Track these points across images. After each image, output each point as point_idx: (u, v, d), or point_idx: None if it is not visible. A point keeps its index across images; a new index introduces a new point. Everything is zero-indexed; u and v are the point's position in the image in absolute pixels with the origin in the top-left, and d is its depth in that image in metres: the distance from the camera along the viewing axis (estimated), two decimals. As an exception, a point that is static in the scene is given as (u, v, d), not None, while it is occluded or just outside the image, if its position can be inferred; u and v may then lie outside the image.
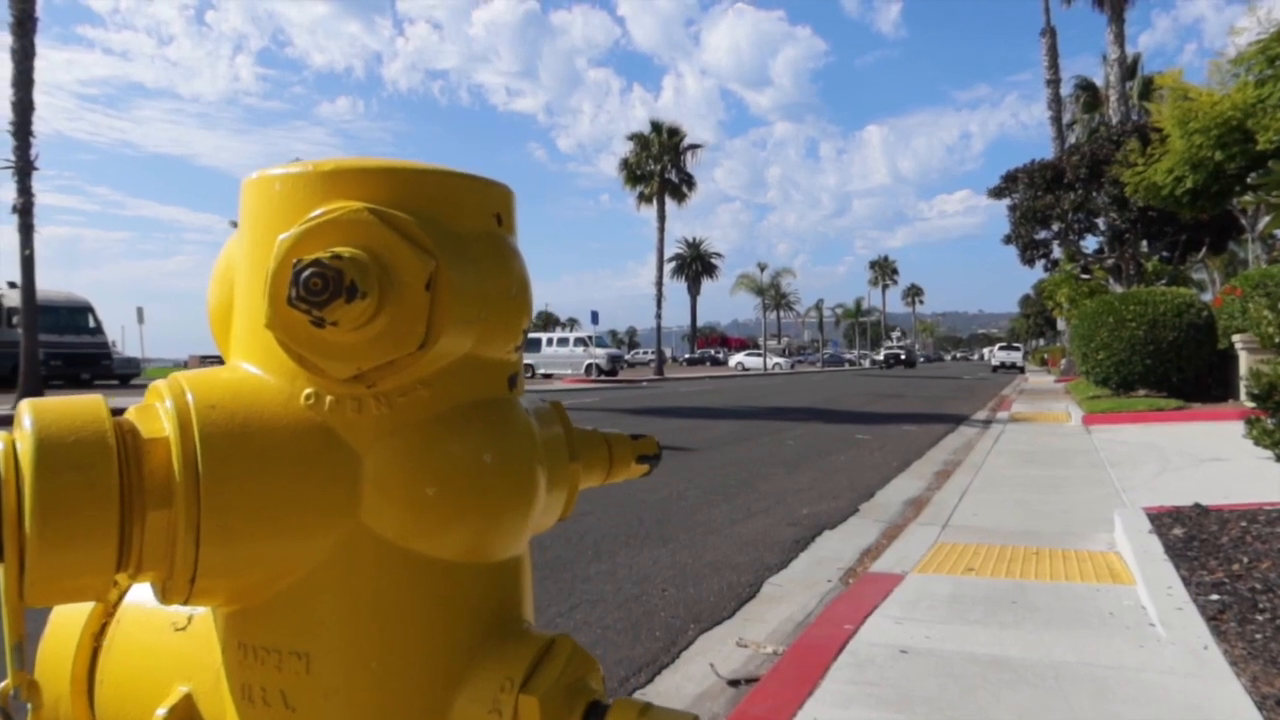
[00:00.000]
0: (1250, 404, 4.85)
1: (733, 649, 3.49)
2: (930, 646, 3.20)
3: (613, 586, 4.39)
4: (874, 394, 24.32)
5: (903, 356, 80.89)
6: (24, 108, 16.69)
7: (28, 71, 16.77)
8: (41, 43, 17.19)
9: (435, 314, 0.53)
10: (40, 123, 17.21)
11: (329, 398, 0.54)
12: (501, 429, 0.59)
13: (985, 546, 5.00)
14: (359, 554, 0.55)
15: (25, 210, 16.76)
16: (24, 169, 16.75)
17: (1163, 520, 5.01)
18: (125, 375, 30.36)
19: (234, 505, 0.52)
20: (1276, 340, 4.86)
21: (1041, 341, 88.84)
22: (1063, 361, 34.55)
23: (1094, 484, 7.21)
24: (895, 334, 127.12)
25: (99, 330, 29.75)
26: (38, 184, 17.01)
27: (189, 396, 0.53)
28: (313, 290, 0.49)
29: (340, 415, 0.54)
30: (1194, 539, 4.60)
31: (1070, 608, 3.69)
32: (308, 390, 0.54)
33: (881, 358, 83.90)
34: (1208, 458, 8.35)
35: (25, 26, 16.76)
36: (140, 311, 51.82)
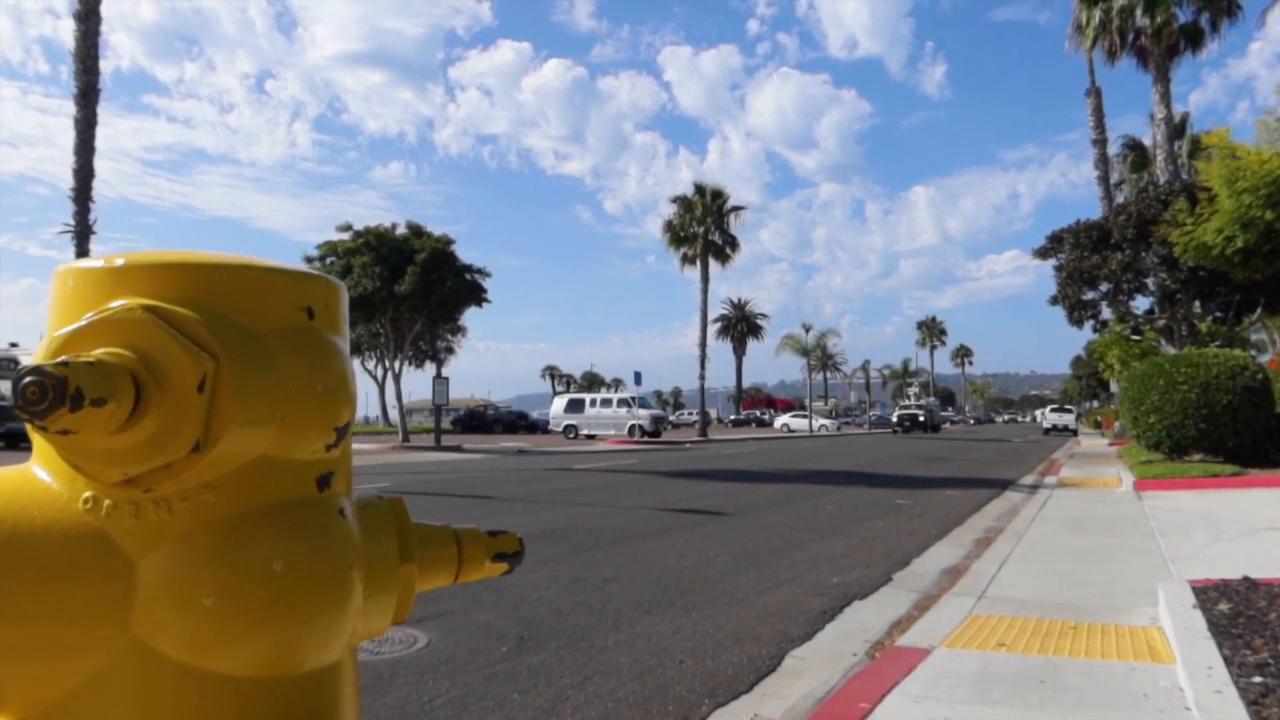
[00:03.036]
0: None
1: (746, 726, 3.37)
2: (950, 728, 3.06)
3: (629, 657, 4.29)
4: (919, 457, 23.90)
5: (921, 418, 63.97)
6: (85, 174, 17.36)
7: (89, 140, 17.47)
8: (109, 111, 18.04)
9: (214, 415, 0.51)
10: (106, 187, 17.96)
11: (107, 502, 0.52)
12: (300, 534, 0.56)
13: (1020, 620, 4.82)
14: (132, 669, 0.52)
15: (84, 273, 17.34)
16: (83, 233, 17.37)
17: (1208, 594, 4.80)
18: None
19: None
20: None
21: (1095, 403, 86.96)
22: (1116, 424, 33.72)
23: (1141, 554, 6.95)
24: (913, 390, 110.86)
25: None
26: (100, 246, 17.62)
27: None
28: (30, 400, 0.47)
29: (117, 520, 0.52)
30: (1240, 615, 4.39)
31: (1102, 689, 3.52)
32: (86, 494, 0.52)
33: (895, 419, 67.13)
34: (1263, 527, 8.02)
35: (88, 97, 17.50)
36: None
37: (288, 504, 0.56)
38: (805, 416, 64.07)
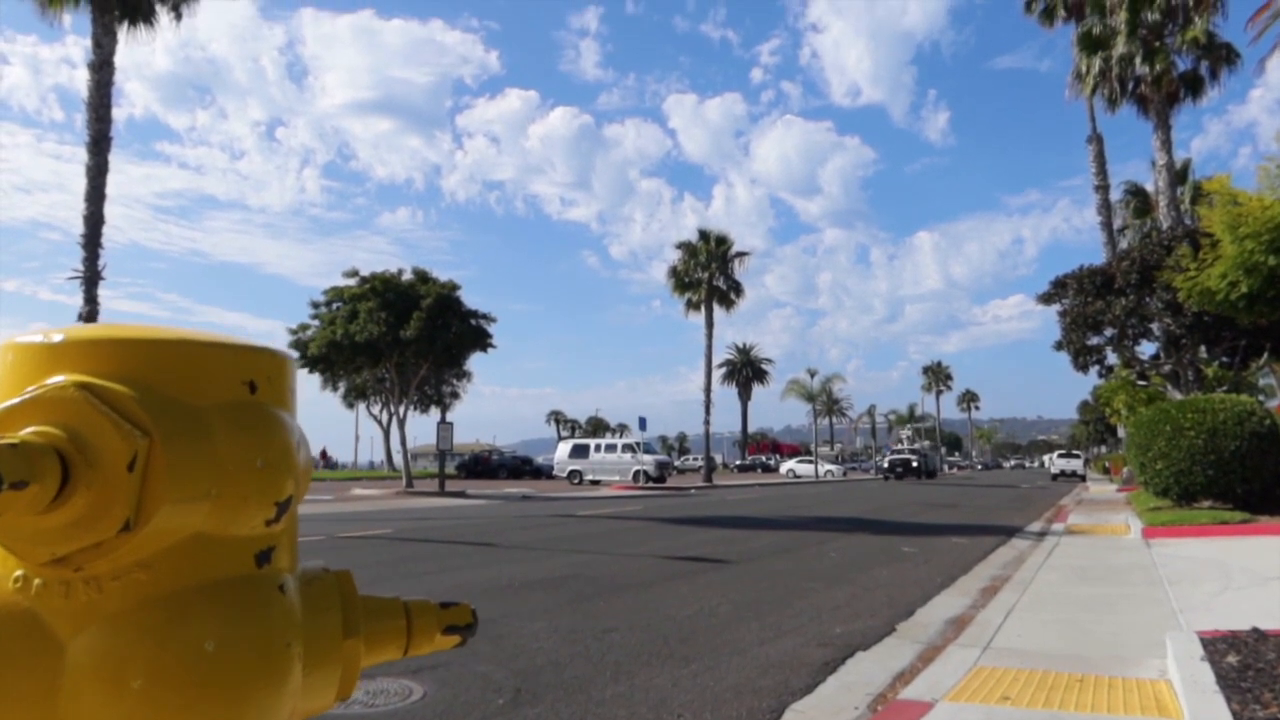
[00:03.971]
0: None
1: (744, 783, 3.31)
2: (951, 786, 2.99)
3: (627, 710, 4.22)
4: (925, 503, 23.72)
5: (914, 463, 57.88)
6: (95, 221, 17.55)
7: (100, 187, 17.68)
8: (121, 158, 18.51)
9: (146, 494, 0.51)
10: (117, 233, 18.35)
11: (36, 581, 0.51)
12: (237, 612, 0.55)
13: (1026, 672, 4.74)
14: (59, 753, 0.50)
15: (90, 318, 17.43)
16: (91, 279, 17.50)
17: (1217, 646, 4.72)
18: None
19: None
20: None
21: (1103, 448, 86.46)
22: (1125, 470, 33.49)
23: (1150, 604, 6.86)
24: (905, 434, 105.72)
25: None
26: (111, 291, 17.87)
27: None
28: (-56, 483, 0.47)
29: (47, 600, 0.51)
30: (1249, 668, 4.31)
31: (1108, 744, 3.45)
32: (16, 573, 0.52)
33: (885, 464, 61.15)
34: (1273, 576, 7.92)
35: (100, 145, 17.75)
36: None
37: (225, 581, 0.56)
38: (811, 462, 63.75)
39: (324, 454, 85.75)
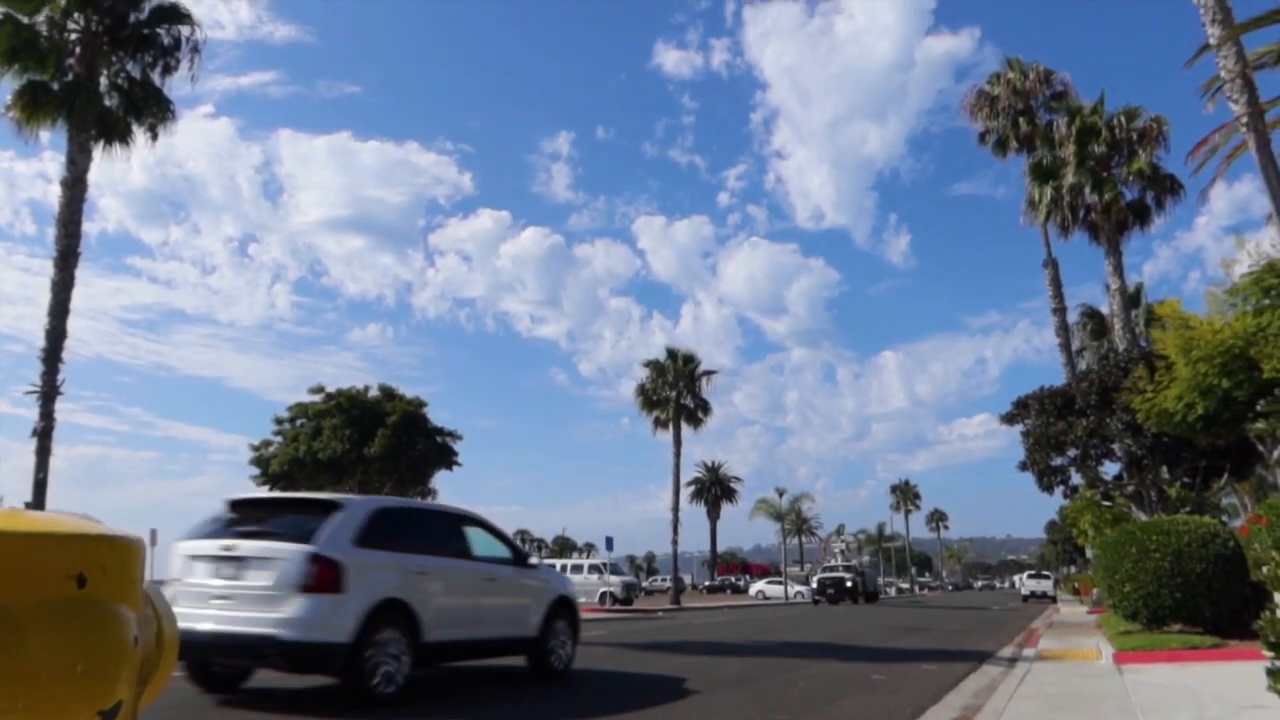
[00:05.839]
0: (1269, 652, 4.54)
1: None
2: None
3: None
4: (896, 627, 23.32)
5: (848, 582, 48.32)
6: (57, 335, 17.34)
7: (64, 302, 17.56)
8: (92, 272, 18.44)
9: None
10: (83, 346, 18.24)
11: None
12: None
13: (998, 813, 4.55)
14: None
15: (45, 434, 17.04)
16: (49, 393, 17.18)
17: (1192, 784, 4.58)
18: (130, 601, 29.67)
19: None
20: (1289, 584, 4.61)
21: (1073, 568, 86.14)
22: (1094, 591, 33.29)
23: (1122, 736, 6.69)
24: (838, 548, 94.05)
25: (108, 554, 29.53)
26: (73, 404, 17.57)
27: None
28: None
29: None
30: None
31: None
32: None
33: (814, 585, 50.86)
34: (1247, 704, 7.77)
35: (68, 261, 17.72)
36: (153, 534, 51.48)
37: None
38: (781, 583, 62.77)
39: None
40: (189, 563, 8.36)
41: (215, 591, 7.95)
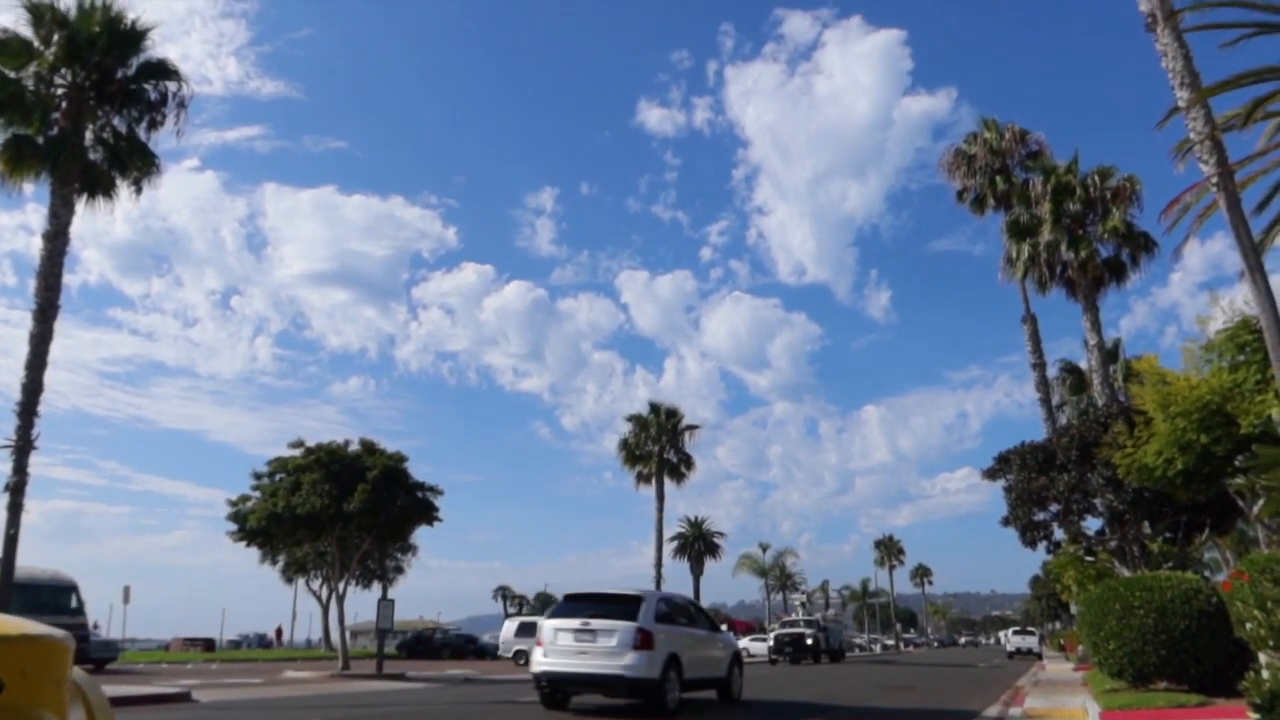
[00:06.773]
0: (1254, 715, 4.50)
1: None
2: None
3: None
4: (881, 685, 23.01)
5: (808, 639, 42.98)
6: (34, 389, 17.16)
7: (42, 355, 17.41)
8: (72, 324, 18.47)
9: None
10: (60, 399, 18.10)
11: None
12: None
13: None
14: None
15: (18, 489, 16.77)
16: (24, 447, 16.94)
17: None
18: (101, 659, 28.86)
19: None
20: (1270, 643, 4.58)
21: (1058, 624, 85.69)
22: (1080, 647, 33.05)
23: (1109, 799, 6.58)
24: (798, 600, 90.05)
25: (80, 611, 28.89)
26: (48, 458, 17.40)
27: None
28: None
29: None
30: None
31: None
32: None
33: (771, 642, 44.89)
34: (1233, 766, 7.69)
35: (47, 313, 17.62)
36: (126, 591, 50.51)
37: None
38: (764, 640, 61.99)
39: (279, 633, 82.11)
40: (554, 632, 13.54)
41: (578, 649, 13.28)
